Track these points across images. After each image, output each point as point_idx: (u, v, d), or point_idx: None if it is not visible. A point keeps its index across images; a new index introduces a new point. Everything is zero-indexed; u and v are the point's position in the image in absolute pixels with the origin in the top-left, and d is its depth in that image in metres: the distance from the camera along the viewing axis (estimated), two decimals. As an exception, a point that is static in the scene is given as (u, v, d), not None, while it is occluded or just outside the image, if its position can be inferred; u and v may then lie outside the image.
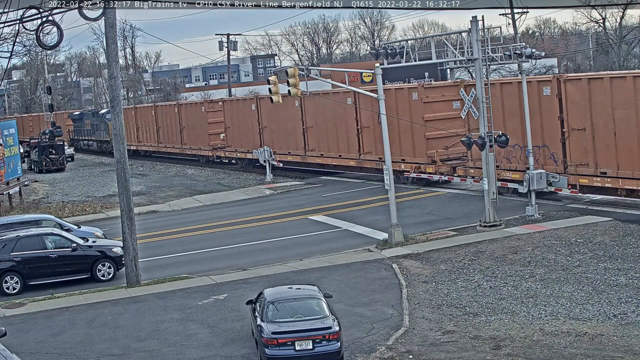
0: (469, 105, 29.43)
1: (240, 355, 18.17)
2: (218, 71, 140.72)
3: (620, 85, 28.82)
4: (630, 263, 22.91)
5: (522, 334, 18.10)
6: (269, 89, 30.85)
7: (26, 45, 48.56)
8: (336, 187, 42.64)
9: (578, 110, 30.36)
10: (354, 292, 22.47)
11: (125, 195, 25.51)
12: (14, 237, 26.58)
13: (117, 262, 26.80)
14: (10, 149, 43.86)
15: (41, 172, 63.90)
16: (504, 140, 29.06)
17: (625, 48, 76.14)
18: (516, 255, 24.78)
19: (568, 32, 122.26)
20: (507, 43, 32.69)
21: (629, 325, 18.14)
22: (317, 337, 16.63)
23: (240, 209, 38.98)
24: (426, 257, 25.62)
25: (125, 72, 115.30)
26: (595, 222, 28.08)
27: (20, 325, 21.67)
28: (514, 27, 64.08)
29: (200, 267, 27.37)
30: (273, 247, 29.87)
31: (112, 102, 25.90)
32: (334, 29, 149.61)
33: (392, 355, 17.43)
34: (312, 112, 46.08)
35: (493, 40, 30.24)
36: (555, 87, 31.24)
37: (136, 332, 20.45)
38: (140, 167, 63.19)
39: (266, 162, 47.69)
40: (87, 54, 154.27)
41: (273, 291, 18.38)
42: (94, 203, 44.16)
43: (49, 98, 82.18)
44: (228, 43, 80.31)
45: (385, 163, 28.63)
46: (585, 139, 30.18)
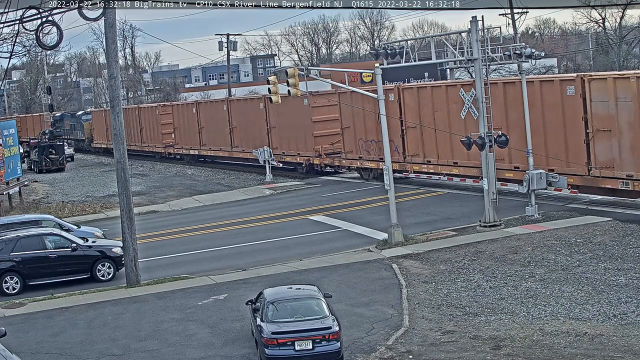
0: (469, 105, 29.45)
1: (240, 355, 18.17)
2: (218, 71, 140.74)
3: (437, 91, 37.35)
4: (630, 263, 22.91)
5: (522, 334, 18.09)
6: (268, 89, 30.87)
7: (26, 45, 48.56)
8: (336, 187, 42.64)
9: (413, 112, 38.48)
10: (354, 292, 22.47)
11: (125, 195, 25.51)
12: (14, 237, 26.59)
13: (117, 262, 26.80)
14: (10, 149, 43.87)
15: (41, 172, 63.92)
16: (503, 140, 29.05)
17: (625, 48, 76.15)
18: (516, 255, 24.78)
19: (568, 32, 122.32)
20: (507, 43, 32.72)
21: (629, 325, 18.14)
22: (317, 337, 16.63)
23: (240, 209, 38.98)
24: (426, 257, 25.62)
25: (125, 72, 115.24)
26: (595, 222, 28.08)
27: (20, 325, 21.67)
28: (513, 27, 64.11)
29: (200, 267, 27.38)
30: (273, 247, 29.87)
31: (111, 102, 25.88)
32: (334, 29, 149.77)
33: (392, 355, 17.43)
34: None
35: (493, 41, 30.24)
36: (396, 94, 39.41)
37: (136, 332, 20.45)
38: (140, 167, 63.21)
39: (266, 162, 47.71)
40: (87, 54, 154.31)
41: (273, 291, 18.37)
42: (94, 203, 44.17)
43: (49, 98, 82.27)
44: (228, 43, 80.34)
45: (385, 163, 28.63)
46: (417, 135, 38.39)
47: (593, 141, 29.96)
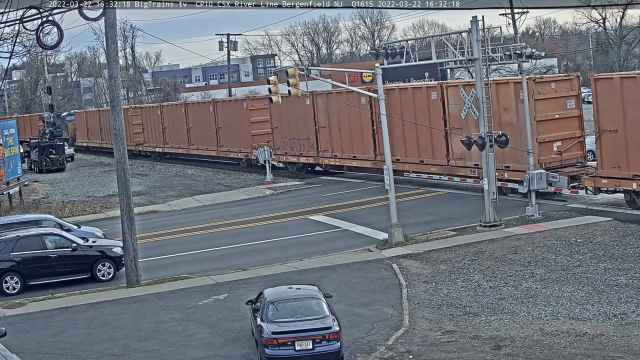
0: (469, 105, 29.45)
1: (240, 355, 18.17)
2: (218, 71, 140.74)
3: (340, 97, 42.36)
4: (630, 263, 22.91)
5: (522, 334, 18.10)
6: (268, 89, 30.87)
7: (26, 45, 48.47)
8: (336, 187, 42.65)
9: (324, 113, 44.61)
10: (354, 292, 22.47)
11: (125, 195, 25.50)
12: (14, 237, 26.57)
13: (117, 262, 26.80)
14: (10, 149, 43.87)
15: (41, 172, 63.88)
16: (504, 140, 29.04)
17: (625, 48, 76.18)
18: (516, 255, 24.78)
19: (568, 32, 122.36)
20: (507, 43, 32.72)
21: (629, 325, 18.14)
22: (317, 337, 16.63)
23: (240, 209, 38.99)
24: (426, 257, 25.62)
25: (125, 72, 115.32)
26: (595, 222, 28.09)
27: (20, 325, 21.67)
28: (514, 27, 64.14)
29: (200, 267, 27.38)
30: (273, 247, 29.87)
31: (112, 102, 25.87)
32: (334, 29, 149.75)
33: (392, 355, 17.43)
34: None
35: (493, 40, 30.26)
36: (311, 99, 45.11)
37: (136, 332, 20.45)
38: (140, 167, 63.22)
39: (266, 162, 47.74)
40: (87, 54, 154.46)
41: (273, 291, 18.38)
42: (94, 203, 44.16)
43: (49, 98, 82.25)
44: (228, 43, 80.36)
45: (386, 163, 28.63)
46: (327, 133, 44.66)
47: (450, 138, 35.98)
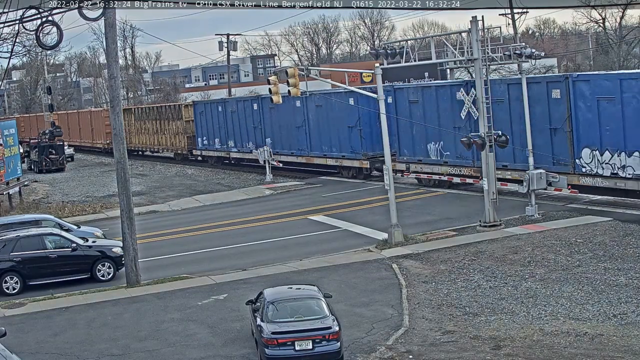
0: (469, 105, 29.44)
1: (240, 355, 18.17)
2: (218, 71, 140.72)
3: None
4: (630, 263, 22.91)
5: (522, 334, 18.09)
6: (269, 89, 30.87)
7: (26, 45, 48.56)
8: (336, 187, 42.65)
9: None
10: (354, 292, 22.47)
11: (125, 195, 25.50)
12: (14, 237, 26.57)
13: (117, 262, 26.79)
14: (10, 149, 43.87)
15: (41, 172, 63.90)
16: (503, 140, 29.08)
17: (625, 48, 76.15)
18: (516, 255, 24.78)
19: (568, 32, 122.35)
20: (507, 43, 32.70)
21: (629, 325, 18.14)
22: (317, 337, 16.62)
23: (240, 209, 38.99)
24: (426, 257, 25.62)
25: (125, 72, 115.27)
26: (595, 222, 28.09)
27: (20, 325, 21.66)
28: (513, 27, 64.06)
29: (200, 267, 27.37)
30: (273, 247, 29.87)
31: (111, 102, 25.88)
32: (334, 29, 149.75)
33: (392, 355, 17.42)
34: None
35: (493, 40, 30.26)
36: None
37: (136, 332, 20.44)
38: (140, 167, 63.23)
39: (266, 162, 47.69)
40: (87, 54, 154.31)
41: (273, 291, 18.37)
42: (94, 203, 44.16)
43: (49, 98, 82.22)
44: (228, 43, 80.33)
45: (385, 163, 28.63)
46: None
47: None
